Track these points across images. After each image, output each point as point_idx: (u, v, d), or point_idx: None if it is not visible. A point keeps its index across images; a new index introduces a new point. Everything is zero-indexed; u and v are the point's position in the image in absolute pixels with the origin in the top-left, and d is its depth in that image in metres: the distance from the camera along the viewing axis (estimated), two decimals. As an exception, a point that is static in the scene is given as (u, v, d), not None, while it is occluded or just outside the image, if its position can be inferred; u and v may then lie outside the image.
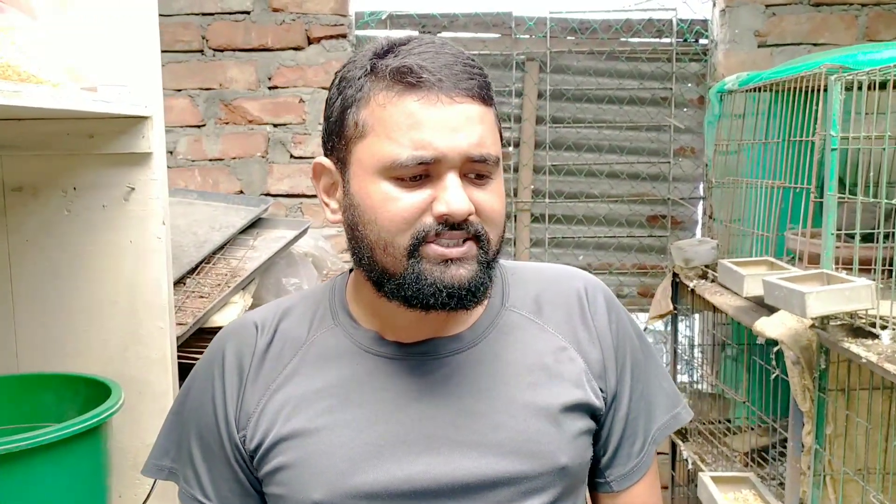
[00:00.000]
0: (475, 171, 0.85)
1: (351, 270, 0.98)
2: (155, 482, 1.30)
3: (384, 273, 0.86)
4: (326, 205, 0.92)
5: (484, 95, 0.86)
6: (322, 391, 0.90)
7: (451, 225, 0.83)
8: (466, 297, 0.85)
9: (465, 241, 0.84)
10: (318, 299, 0.98)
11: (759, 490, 1.80)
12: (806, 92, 1.82)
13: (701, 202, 2.84)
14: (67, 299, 1.32)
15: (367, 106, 0.85)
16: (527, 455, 0.88)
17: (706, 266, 2.20)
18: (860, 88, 1.50)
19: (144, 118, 1.27)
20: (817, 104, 1.72)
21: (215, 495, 0.94)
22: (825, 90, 1.63)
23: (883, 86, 1.55)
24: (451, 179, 0.83)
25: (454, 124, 0.82)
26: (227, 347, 0.95)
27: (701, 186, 2.84)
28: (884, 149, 1.50)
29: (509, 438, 0.88)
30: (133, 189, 1.29)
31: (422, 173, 0.83)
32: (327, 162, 0.91)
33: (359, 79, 0.86)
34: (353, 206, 0.87)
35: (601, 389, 0.94)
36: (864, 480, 1.49)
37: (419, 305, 0.85)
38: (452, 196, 0.82)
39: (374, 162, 0.84)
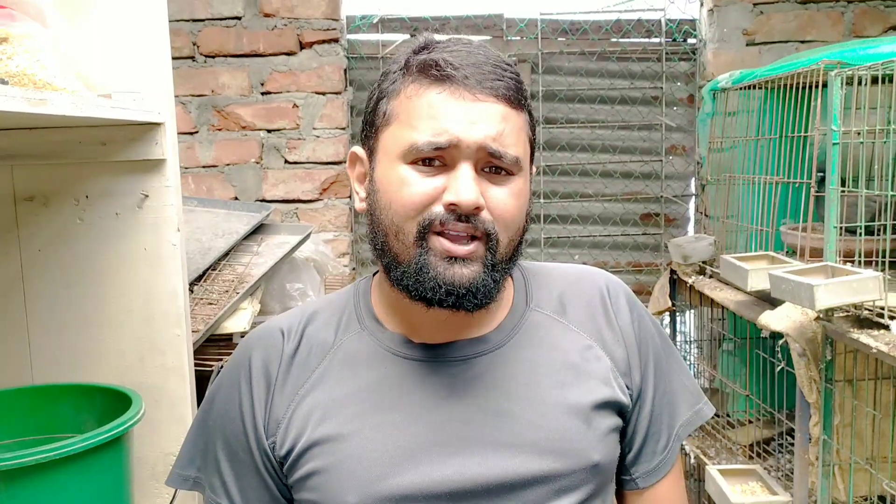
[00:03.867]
0: (492, 164, 0.85)
1: (375, 273, 0.98)
2: (175, 493, 1.29)
3: (394, 259, 0.88)
4: (357, 193, 0.94)
5: (511, 97, 0.86)
6: (351, 396, 0.90)
7: (459, 216, 0.84)
8: (465, 297, 0.85)
9: (472, 241, 0.85)
10: (344, 303, 0.98)
11: (766, 482, 1.82)
12: (800, 88, 1.85)
13: (693, 199, 2.87)
14: (82, 309, 1.30)
15: (397, 97, 0.88)
16: (560, 453, 0.89)
17: (703, 262, 2.22)
18: (861, 83, 1.53)
19: (157, 125, 1.26)
20: (813, 100, 1.74)
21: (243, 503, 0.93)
22: (824, 86, 1.66)
23: (875, 80, 1.58)
24: (464, 169, 0.84)
25: (473, 117, 0.84)
26: (254, 354, 0.94)
27: (692, 183, 2.87)
28: (885, 142, 1.53)
29: (542, 437, 0.89)
30: (147, 196, 1.28)
31: (437, 158, 0.84)
32: (361, 151, 0.94)
33: (394, 73, 0.90)
34: (374, 192, 0.89)
35: (627, 387, 0.96)
36: (874, 469, 1.52)
37: (419, 298, 0.86)
38: (462, 185, 0.83)
39: (394, 147, 0.86)
